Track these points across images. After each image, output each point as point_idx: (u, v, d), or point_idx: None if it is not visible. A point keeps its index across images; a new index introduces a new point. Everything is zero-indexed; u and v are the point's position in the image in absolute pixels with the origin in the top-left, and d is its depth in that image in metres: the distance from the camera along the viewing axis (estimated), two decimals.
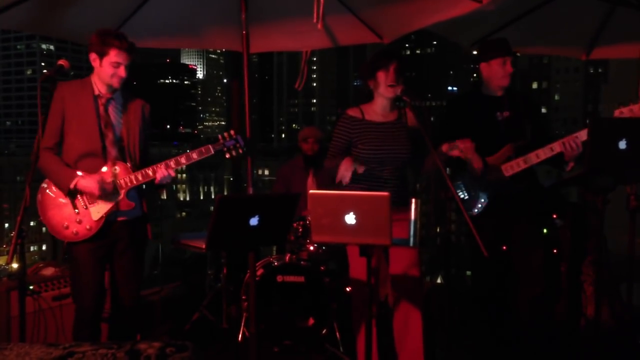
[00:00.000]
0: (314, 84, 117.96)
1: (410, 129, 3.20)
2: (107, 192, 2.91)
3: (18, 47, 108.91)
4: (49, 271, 3.60)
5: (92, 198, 2.93)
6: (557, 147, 3.07)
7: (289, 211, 2.58)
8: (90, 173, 2.91)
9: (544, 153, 3.11)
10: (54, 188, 2.95)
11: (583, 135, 3.01)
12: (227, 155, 3.06)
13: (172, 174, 2.98)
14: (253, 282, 2.69)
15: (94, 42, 2.91)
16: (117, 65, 2.91)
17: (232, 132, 3.06)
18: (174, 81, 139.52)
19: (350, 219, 2.33)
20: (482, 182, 3.21)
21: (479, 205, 3.22)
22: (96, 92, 2.99)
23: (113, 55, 2.89)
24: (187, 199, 70.56)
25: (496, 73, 3.26)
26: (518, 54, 3.41)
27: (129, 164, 2.98)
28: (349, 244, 3.03)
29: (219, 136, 3.05)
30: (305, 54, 4.48)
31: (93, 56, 2.93)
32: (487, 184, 3.22)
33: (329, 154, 3.27)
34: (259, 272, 3.84)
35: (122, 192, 2.95)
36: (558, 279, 3.83)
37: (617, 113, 2.93)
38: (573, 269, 3.83)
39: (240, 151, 3.06)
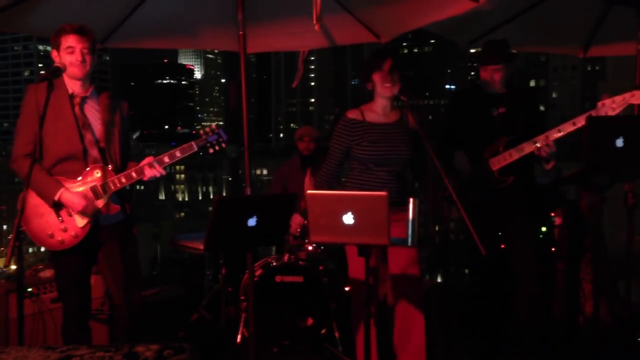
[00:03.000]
0: (312, 84, 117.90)
1: (411, 130, 3.19)
2: (89, 209, 2.79)
3: (15, 48, 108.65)
4: (47, 273, 3.59)
5: None
6: (540, 140, 3.11)
7: (287, 211, 2.58)
8: (70, 178, 2.79)
9: (527, 147, 3.16)
10: (34, 197, 2.79)
11: (553, 133, 3.07)
12: (211, 151, 2.94)
13: (157, 174, 2.86)
14: (252, 283, 2.69)
15: (51, 40, 2.81)
16: (71, 50, 2.76)
17: (213, 126, 2.94)
18: (172, 81, 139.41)
19: (348, 219, 2.32)
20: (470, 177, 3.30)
21: None
22: (70, 92, 2.84)
23: (64, 41, 2.76)
24: (186, 199, 70.52)
25: (482, 77, 3.35)
26: (515, 52, 3.46)
27: (110, 167, 2.85)
28: (347, 244, 3.03)
29: (201, 132, 2.94)
30: (302, 54, 4.48)
31: (54, 53, 2.81)
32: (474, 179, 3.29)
33: (329, 157, 3.23)
34: (258, 272, 3.84)
35: (106, 197, 2.82)
36: (554, 277, 3.84)
37: (599, 105, 2.97)
38: (571, 267, 3.83)
39: (224, 145, 2.95)
